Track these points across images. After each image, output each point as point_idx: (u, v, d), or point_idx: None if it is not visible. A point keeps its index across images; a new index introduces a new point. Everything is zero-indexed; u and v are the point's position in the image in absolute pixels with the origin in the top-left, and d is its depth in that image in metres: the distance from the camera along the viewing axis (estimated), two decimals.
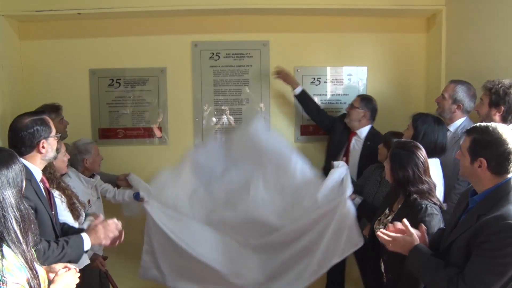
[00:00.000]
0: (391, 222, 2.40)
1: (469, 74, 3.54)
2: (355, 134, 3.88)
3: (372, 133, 3.83)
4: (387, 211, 2.67)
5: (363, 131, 3.84)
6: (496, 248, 1.82)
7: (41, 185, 2.55)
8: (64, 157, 2.97)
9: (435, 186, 2.52)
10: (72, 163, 3.37)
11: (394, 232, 2.21)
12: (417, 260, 2.11)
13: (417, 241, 2.14)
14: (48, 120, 2.57)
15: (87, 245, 2.50)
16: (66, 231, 2.64)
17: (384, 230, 2.24)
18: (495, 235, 1.82)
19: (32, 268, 1.66)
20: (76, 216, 2.86)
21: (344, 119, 3.93)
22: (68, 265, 1.99)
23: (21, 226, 1.65)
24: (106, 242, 2.57)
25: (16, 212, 1.65)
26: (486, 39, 3.45)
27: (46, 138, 2.51)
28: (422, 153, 2.52)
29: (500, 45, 3.28)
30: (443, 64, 4.01)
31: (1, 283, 1.53)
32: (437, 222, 2.36)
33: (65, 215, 2.79)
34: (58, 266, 1.94)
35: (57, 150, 2.72)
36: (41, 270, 1.75)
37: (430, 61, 4.28)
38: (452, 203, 2.89)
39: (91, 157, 3.49)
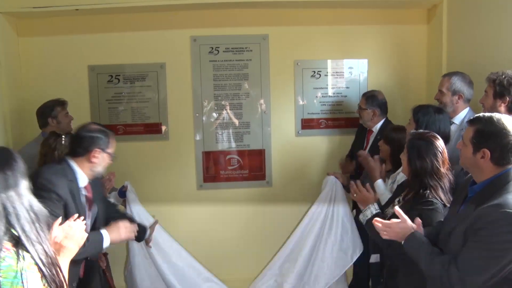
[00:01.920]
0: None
1: (470, 65, 3.51)
2: (372, 132, 3.86)
3: (383, 128, 3.78)
4: (396, 201, 2.63)
5: (378, 127, 3.83)
6: (492, 235, 1.82)
7: (83, 191, 2.65)
8: None
9: (451, 180, 2.45)
10: None
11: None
12: (413, 247, 2.10)
13: (412, 228, 2.13)
14: (112, 137, 2.70)
15: (106, 242, 2.60)
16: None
17: (379, 219, 2.23)
18: (492, 223, 1.82)
19: (53, 264, 1.64)
20: None
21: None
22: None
23: (34, 224, 1.62)
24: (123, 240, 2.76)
25: (26, 213, 1.62)
26: (487, 30, 3.42)
27: (102, 149, 2.61)
28: (441, 143, 2.46)
29: (501, 36, 3.25)
30: (444, 55, 3.98)
31: (22, 281, 1.51)
32: (437, 218, 2.33)
33: None
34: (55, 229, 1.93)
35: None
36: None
37: (431, 52, 4.25)
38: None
39: None
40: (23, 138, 3.91)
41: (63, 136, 2.96)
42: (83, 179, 2.63)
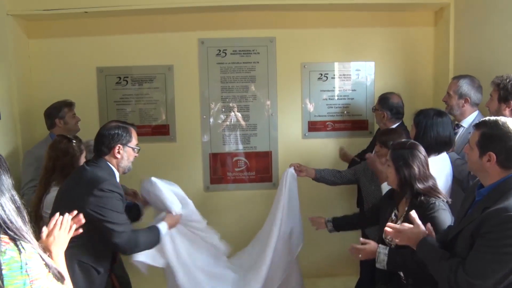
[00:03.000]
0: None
1: (477, 68, 3.51)
2: None
3: None
4: (393, 216, 2.62)
5: None
6: (498, 239, 1.82)
7: None
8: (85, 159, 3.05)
9: (435, 180, 2.50)
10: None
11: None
12: (424, 251, 2.12)
13: (424, 233, 2.15)
14: (132, 130, 2.76)
15: (164, 229, 2.84)
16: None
17: (391, 224, 2.24)
18: (498, 226, 1.82)
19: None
20: None
21: None
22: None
23: (20, 217, 1.63)
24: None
25: (12, 206, 1.61)
26: (494, 32, 3.41)
27: (123, 144, 2.70)
28: (422, 149, 2.52)
29: (509, 38, 3.24)
30: (451, 58, 3.98)
31: (26, 270, 1.53)
32: (446, 217, 2.36)
33: None
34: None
35: (80, 151, 2.97)
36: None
37: (438, 55, 4.25)
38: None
39: None
40: (32, 139, 3.95)
41: (74, 141, 3.00)
42: (117, 176, 2.74)
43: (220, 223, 4.36)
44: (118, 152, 2.69)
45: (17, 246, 1.55)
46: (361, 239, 2.61)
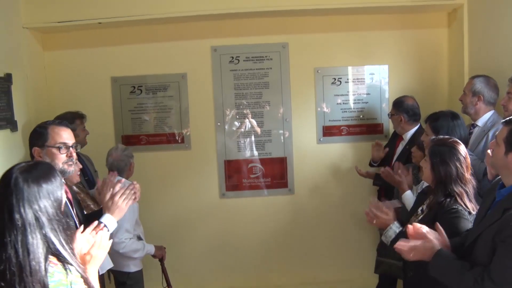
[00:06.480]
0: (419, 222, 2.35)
1: (492, 68, 3.47)
2: (402, 139, 3.76)
3: (414, 136, 3.64)
4: (419, 211, 2.57)
5: (408, 135, 3.70)
6: None
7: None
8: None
9: (474, 186, 2.39)
10: (119, 169, 3.39)
11: (414, 234, 2.12)
12: (440, 265, 2.01)
13: (437, 246, 2.05)
14: (48, 128, 2.40)
15: (112, 225, 2.34)
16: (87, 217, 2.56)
17: (402, 243, 2.13)
18: None
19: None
20: None
21: None
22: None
23: (63, 238, 1.61)
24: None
25: (58, 224, 1.59)
26: (509, 32, 3.37)
27: (40, 146, 2.38)
28: (463, 148, 2.40)
29: None
30: (466, 59, 3.93)
31: None
32: (466, 226, 2.26)
33: None
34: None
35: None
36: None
37: (452, 56, 4.21)
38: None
39: (133, 160, 3.54)
40: None
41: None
42: None
43: (236, 230, 4.40)
44: (39, 156, 2.36)
45: (64, 268, 1.55)
46: (384, 208, 2.55)
